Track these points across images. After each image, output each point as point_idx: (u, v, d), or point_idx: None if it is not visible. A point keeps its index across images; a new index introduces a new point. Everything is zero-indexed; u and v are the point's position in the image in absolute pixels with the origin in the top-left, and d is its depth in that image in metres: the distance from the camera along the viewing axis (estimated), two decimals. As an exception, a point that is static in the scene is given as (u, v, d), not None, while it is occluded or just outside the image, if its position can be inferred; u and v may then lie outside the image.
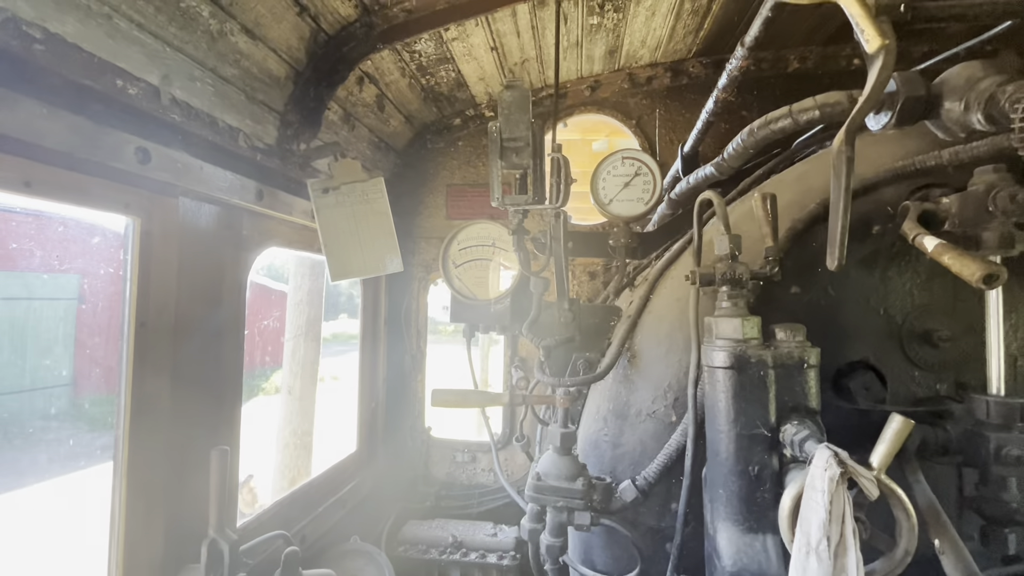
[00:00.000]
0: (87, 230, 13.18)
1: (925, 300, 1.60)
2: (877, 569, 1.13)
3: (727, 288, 1.47)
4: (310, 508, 2.50)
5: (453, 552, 2.87)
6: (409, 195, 3.53)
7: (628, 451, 1.77)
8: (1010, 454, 1.32)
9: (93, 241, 12.80)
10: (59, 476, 9.04)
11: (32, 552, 6.46)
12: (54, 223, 11.86)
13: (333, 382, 19.21)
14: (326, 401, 7.13)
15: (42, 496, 8.38)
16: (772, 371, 1.36)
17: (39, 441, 11.50)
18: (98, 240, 13.07)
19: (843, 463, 1.11)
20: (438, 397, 1.71)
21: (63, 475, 9.08)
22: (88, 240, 12.84)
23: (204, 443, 1.67)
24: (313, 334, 5.92)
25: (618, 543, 1.77)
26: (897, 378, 1.59)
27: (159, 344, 1.57)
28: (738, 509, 1.36)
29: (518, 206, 1.73)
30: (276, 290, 21.25)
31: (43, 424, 11.86)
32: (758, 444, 1.36)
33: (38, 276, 12.12)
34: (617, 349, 1.86)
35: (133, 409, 1.51)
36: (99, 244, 13.05)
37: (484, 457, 3.46)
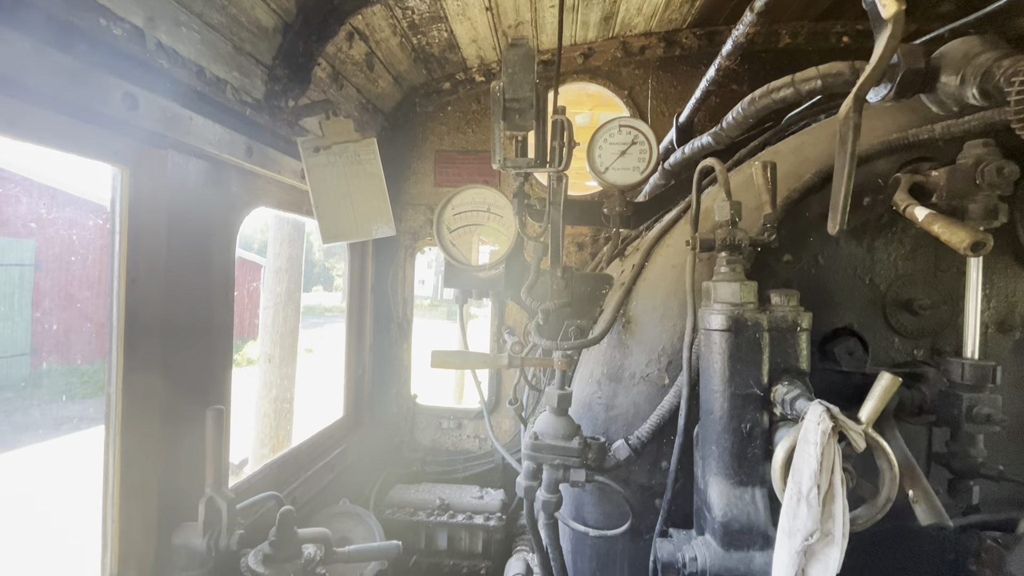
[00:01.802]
0: (43, 192, 12.49)
1: (908, 270, 1.67)
2: (861, 514, 1.21)
3: (726, 253, 1.50)
4: (299, 471, 2.51)
5: (440, 514, 2.93)
6: (396, 160, 3.46)
7: (621, 413, 1.82)
8: (980, 412, 1.41)
9: (50, 204, 12.15)
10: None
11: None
12: (6, 183, 11.18)
13: (308, 355, 19.02)
14: (303, 373, 7.08)
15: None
16: (767, 334, 1.41)
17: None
18: (56, 203, 12.41)
19: (835, 418, 1.17)
20: (438, 358, 1.72)
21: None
22: (45, 203, 12.18)
23: (197, 402, 1.65)
24: (293, 302, 5.81)
25: (609, 500, 1.83)
26: (878, 344, 1.67)
27: (150, 301, 1.52)
28: (729, 464, 1.43)
29: (520, 169, 1.72)
30: (248, 261, 20.72)
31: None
32: (751, 403, 1.42)
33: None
34: (612, 315, 1.90)
35: (125, 368, 1.47)
36: (56, 208, 12.40)
37: (469, 424, 3.51)
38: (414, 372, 3.59)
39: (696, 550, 1.43)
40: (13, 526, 6.18)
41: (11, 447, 9.22)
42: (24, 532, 6.05)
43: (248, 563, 1.78)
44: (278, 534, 1.82)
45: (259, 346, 5.76)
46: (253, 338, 17.24)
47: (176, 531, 1.61)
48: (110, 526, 1.46)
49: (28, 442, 9.58)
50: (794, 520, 1.17)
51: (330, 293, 45.79)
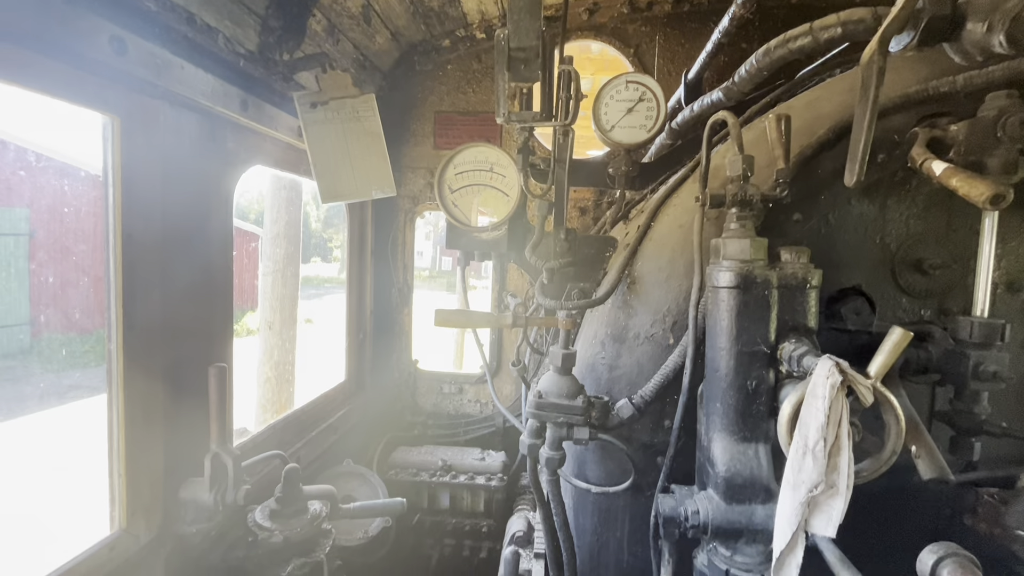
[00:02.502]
0: (37, 160, 12.25)
1: (920, 229, 1.64)
2: (865, 467, 1.22)
3: (736, 210, 1.47)
4: (302, 432, 2.53)
5: (443, 475, 2.98)
6: (395, 122, 3.37)
7: (625, 372, 1.82)
8: (987, 370, 1.41)
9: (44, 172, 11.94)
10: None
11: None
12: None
13: (308, 325, 19.10)
14: (303, 344, 7.11)
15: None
16: (776, 291, 1.40)
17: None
18: (50, 171, 12.19)
19: (844, 372, 1.16)
20: (441, 316, 1.70)
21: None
22: (38, 171, 11.97)
23: (199, 360, 1.64)
24: (292, 268, 5.77)
25: (611, 458, 1.85)
26: (886, 304, 1.66)
27: (148, 258, 1.49)
28: (734, 421, 1.43)
29: (525, 123, 1.66)
30: (246, 231, 20.56)
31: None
32: (757, 360, 1.41)
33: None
34: (617, 275, 1.87)
35: (125, 324, 1.45)
36: (50, 176, 12.19)
37: (470, 389, 3.53)
38: (415, 338, 3.59)
39: (698, 504, 1.45)
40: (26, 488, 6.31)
41: (17, 414, 9.33)
42: (38, 493, 6.18)
43: (255, 518, 1.81)
44: (284, 490, 1.85)
45: (259, 313, 5.75)
46: (252, 308, 17.24)
47: (183, 486, 1.62)
48: (116, 480, 1.47)
49: (35, 409, 9.70)
50: (799, 473, 1.18)
51: (328, 264, 45.66)
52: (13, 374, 11.77)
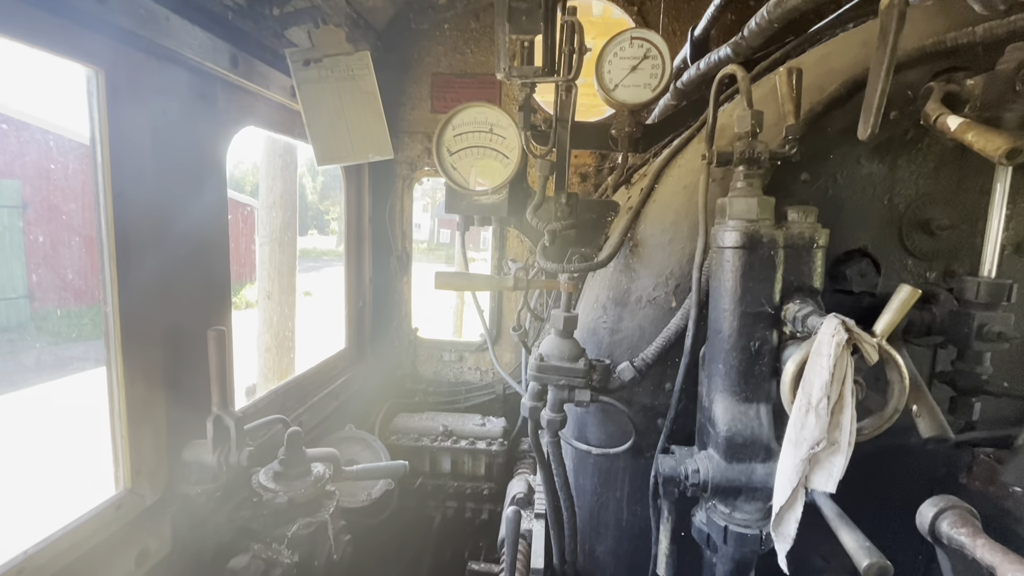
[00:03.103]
0: (26, 131, 11.97)
1: (929, 189, 1.61)
2: (867, 425, 1.22)
3: (744, 168, 1.43)
4: (304, 398, 2.54)
5: (444, 440, 3.01)
6: (391, 84, 3.27)
7: (626, 336, 1.82)
8: (991, 330, 1.40)
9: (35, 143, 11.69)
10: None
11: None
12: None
13: (307, 298, 19.10)
14: (302, 316, 7.10)
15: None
16: (782, 251, 1.37)
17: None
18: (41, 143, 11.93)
19: (850, 330, 1.15)
20: (442, 279, 1.68)
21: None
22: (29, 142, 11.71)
23: (198, 324, 1.63)
24: (289, 238, 5.72)
25: (612, 420, 1.86)
26: (891, 266, 1.64)
27: (140, 218, 1.45)
28: (735, 381, 1.43)
29: (527, 79, 1.60)
30: (239, 202, 20.33)
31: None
32: (761, 321, 1.40)
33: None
34: (619, 238, 1.84)
35: (120, 284, 1.43)
36: (42, 147, 11.94)
37: (470, 356, 3.55)
38: (414, 307, 3.58)
39: (699, 463, 1.46)
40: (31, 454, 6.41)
41: (20, 386, 9.40)
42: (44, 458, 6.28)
43: (259, 480, 1.83)
44: (287, 453, 1.86)
45: (257, 283, 5.72)
46: (251, 281, 17.18)
47: (186, 448, 1.63)
48: (119, 441, 1.47)
49: (37, 381, 9.77)
50: (801, 430, 1.18)
51: (325, 237, 45.34)
52: (13, 347, 11.80)
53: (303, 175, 41.92)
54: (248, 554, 1.70)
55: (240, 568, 1.62)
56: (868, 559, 1.06)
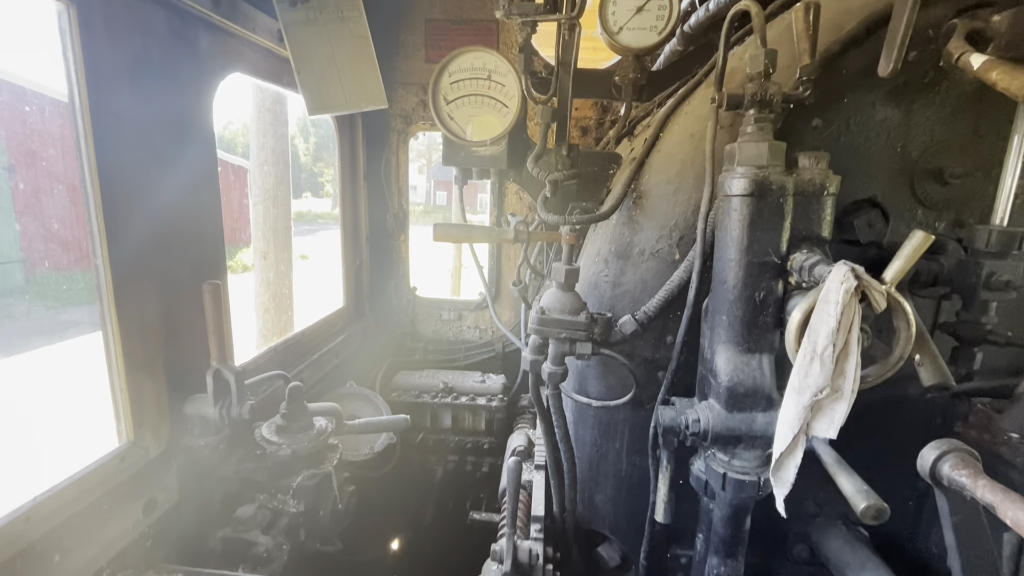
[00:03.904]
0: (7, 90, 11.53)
1: (944, 136, 1.56)
2: (871, 372, 1.22)
3: (755, 111, 1.37)
4: (304, 355, 2.54)
5: (444, 396, 3.04)
6: (383, 32, 3.10)
7: (629, 290, 1.79)
8: (999, 279, 1.38)
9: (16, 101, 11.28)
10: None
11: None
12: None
13: (303, 261, 19.00)
14: (299, 281, 7.04)
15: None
16: (791, 198, 1.33)
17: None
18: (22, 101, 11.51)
19: (859, 277, 1.13)
20: (440, 231, 1.64)
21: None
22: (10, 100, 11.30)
23: (193, 278, 1.59)
24: (282, 197, 5.61)
25: (612, 374, 1.87)
26: (900, 216, 1.61)
27: (123, 164, 1.39)
28: (739, 332, 1.42)
29: (528, 17, 1.51)
30: (230, 164, 19.89)
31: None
32: (767, 271, 1.37)
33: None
34: (622, 190, 1.79)
35: (108, 235, 1.38)
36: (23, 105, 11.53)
37: (469, 315, 3.54)
38: (412, 266, 3.54)
39: (699, 413, 1.47)
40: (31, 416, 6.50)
41: (20, 350, 9.43)
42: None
43: (262, 433, 1.84)
44: (289, 407, 1.87)
45: (252, 245, 5.65)
46: (247, 245, 17.03)
47: (187, 402, 1.63)
48: (119, 395, 1.47)
49: (34, 346, 9.79)
50: (805, 378, 1.17)
51: (320, 200, 44.71)
52: (10, 311, 11.77)
53: (295, 136, 40.90)
54: (254, 504, 1.73)
55: (247, 517, 1.65)
56: (865, 502, 1.08)
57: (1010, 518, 0.82)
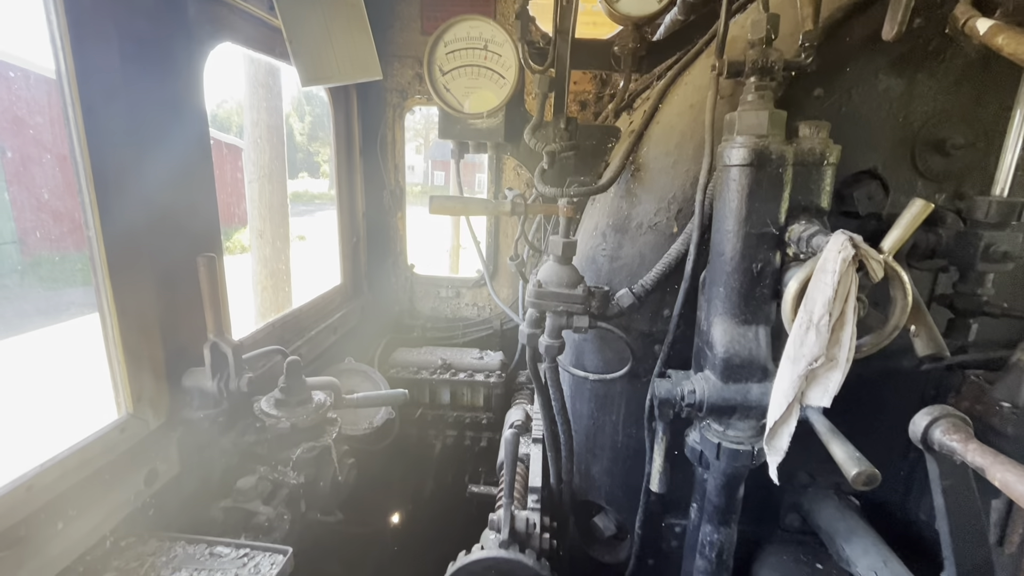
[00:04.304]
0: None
1: (947, 105, 1.53)
2: (867, 341, 1.22)
3: (755, 79, 1.35)
4: (302, 331, 2.54)
5: (443, 372, 3.06)
6: (377, 3, 3.00)
7: (626, 263, 1.79)
8: (997, 250, 1.38)
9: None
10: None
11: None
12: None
13: (300, 242, 18.89)
14: (297, 261, 6.98)
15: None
16: (791, 168, 1.32)
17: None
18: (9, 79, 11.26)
19: (857, 246, 1.13)
20: (437, 203, 1.62)
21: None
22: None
23: (187, 252, 1.58)
24: (278, 175, 5.54)
25: (609, 347, 1.88)
26: (900, 188, 1.59)
27: (114, 133, 1.37)
28: (736, 304, 1.42)
29: (524, -19, 1.47)
30: (225, 143, 19.61)
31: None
32: (765, 242, 1.37)
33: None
34: (621, 162, 1.77)
35: (100, 208, 1.37)
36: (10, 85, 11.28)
37: (467, 293, 3.54)
38: (410, 244, 3.53)
39: (695, 384, 1.48)
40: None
41: (17, 331, 9.40)
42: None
43: (261, 407, 1.86)
44: (287, 381, 1.88)
45: (249, 223, 5.61)
46: (244, 225, 16.93)
47: (185, 375, 1.63)
48: (117, 367, 1.47)
49: (35, 327, 9.76)
50: (800, 347, 1.18)
51: (317, 180, 44.25)
52: (7, 293, 11.71)
53: (290, 115, 40.28)
54: (255, 475, 1.75)
55: (248, 487, 1.68)
56: (857, 468, 1.09)
57: (999, 479, 0.84)
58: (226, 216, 18.40)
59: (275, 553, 1.39)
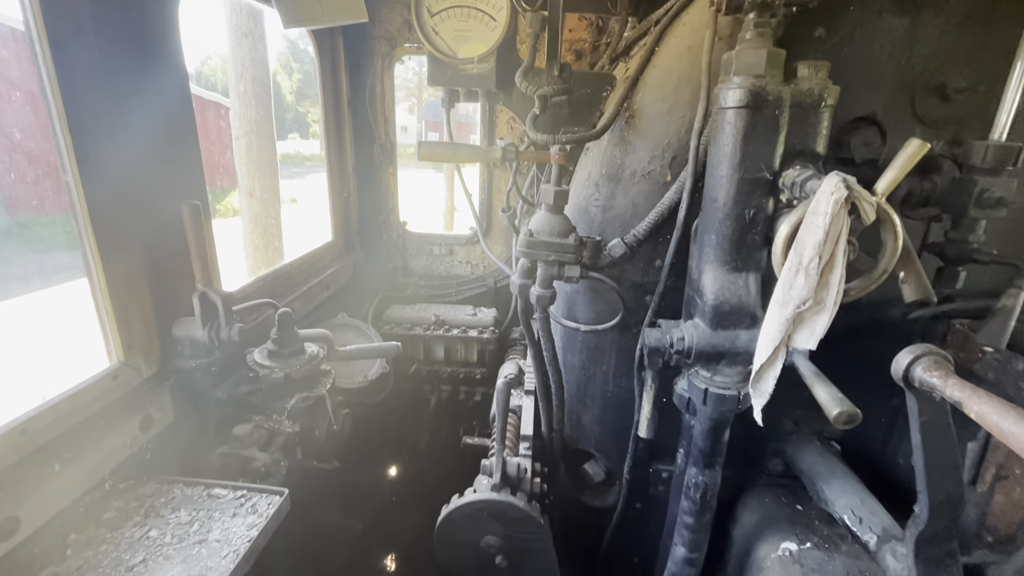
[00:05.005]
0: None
1: (951, 47, 1.49)
2: (855, 285, 1.23)
3: (755, 15, 1.30)
4: (294, 287, 2.53)
5: (437, 328, 3.08)
6: (363, -59, 2.87)
7: (619, 213, 1.77)
8: (991, 196, 1.37)
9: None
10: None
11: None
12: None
13: (292, 205, 18.59)
14: (288, 225, 6.83)
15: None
16: (788, 110, 1.29)
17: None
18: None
19: (850, 187, 1.11)
20: (426, 149, 1.58)
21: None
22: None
23: (171, 198, 1.54)
24: (266, 131, 5.39)
25: (601, 299, 1.88)
26: (898, 134, 1.56)
27: (85, 73, 1.31)
28: (727, 251, 1.41)
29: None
30: (209, 101, 18.92)
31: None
32: (758, 188, 1.35)
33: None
34: (616, 108, 1.73)
35: (77, 153, 1.32)
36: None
37: (461, 250, 3.52)
38: (401, 199, 3.47)
39: (684, 331, 1.49)
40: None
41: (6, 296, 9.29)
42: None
43: (254, 358, 1.86)
44: (279, 332, 1.88)
45: (238, 181, 5.48)
46: (235, 188, 16.62)
47: (175, 325, 1.63)
48: (105, 316, 1.46)
49: (19, 292, 9.64)
50: (789, 290, 1.18)
51: (307, 141, 43.12)
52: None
53: (277, 72, 38.87)
54: (250, 424, 1.78)
55: (244, 435, 1.70)
56: (839, 408, 1.11)
57: (975, 411, 0.85)
58: (217, 180, 17.99)
59: (272, 494, 1.42)
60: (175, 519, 1.34)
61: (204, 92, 19.05)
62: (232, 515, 1.36)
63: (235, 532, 1.30)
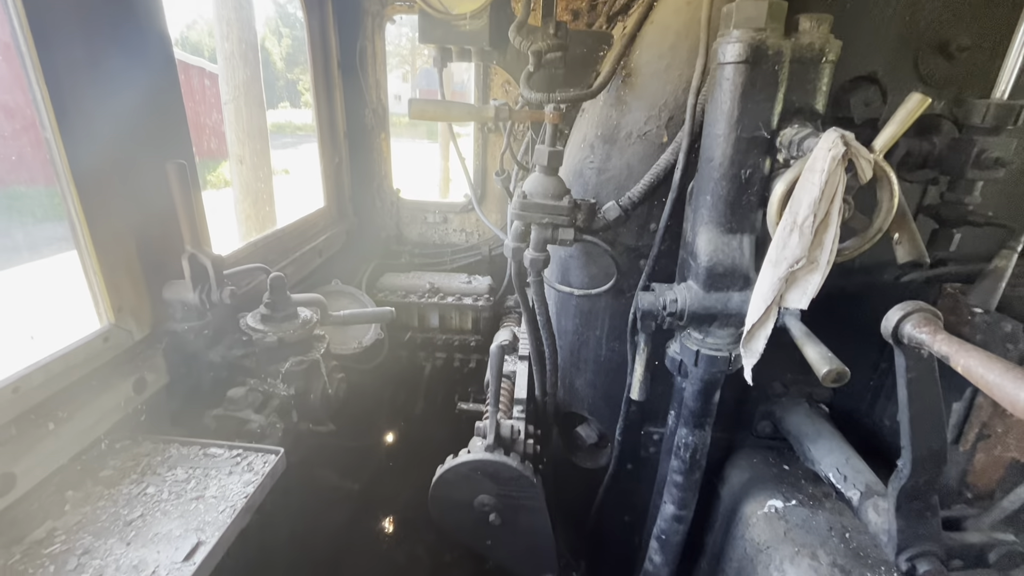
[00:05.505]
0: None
1: (957, 2, 1.45)
2: (850, 244, 1.22)
3: (757, -36, 1.25)
4: (286, 253, 2.51)
5: (431, 296, 3.07)
6: None
7: (614, 175, 1.75)
8: (990, 157, 1.36)
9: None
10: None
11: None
12: None
13: (284, 176, 18.26)
14: (281, 197, 6.66)
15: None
16: (787, 66, 1.26)
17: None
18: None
19: (848, 144, 1.10)
20: (417, 107, 1.54)
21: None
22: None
23: (155, 157, 1.51)
24: (255, 95, 5.24)
25: (594, 263, 1.87)
26: (899, 93, 1.53)
27: (65, 30, 1.25)
28: (722, 212, 1.40)
29: None
30: (195, 66, 18.31)
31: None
32: (755, 147, 1.33)
33: None
34: (612, 66, 1.68)
35: (56, 109, 1.28)
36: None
37: (455, 218, 3.49)
38: (395, 166, 3.42)
39: (677, 293, 1.49)
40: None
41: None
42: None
43: (247, 322, 1.86)
44: (272, 297, 1.87)
45: (228, 149, 5.36)
46: (225, 158, 16.29)
47: (165, 287, 1.62)
48: (94, 278, 1.44)
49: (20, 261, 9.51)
50: (783, 250, 1.18)
51: (299, 110, 42.11)
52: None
53: (266, 37, 37.61)
54: (245, 387, 1.79)
55: (239, 397, 1.71)
56: (828, 366, 1.12)
57: (962, 365, 0.86)
58: (207, 150, 17.57)
59: (268, 453, 1.44)
60: (172, 477, 1.36)
61: (189, 57, 18.44)
62: (228, 473, 1.38)
63: (232, 489, 1.32)
